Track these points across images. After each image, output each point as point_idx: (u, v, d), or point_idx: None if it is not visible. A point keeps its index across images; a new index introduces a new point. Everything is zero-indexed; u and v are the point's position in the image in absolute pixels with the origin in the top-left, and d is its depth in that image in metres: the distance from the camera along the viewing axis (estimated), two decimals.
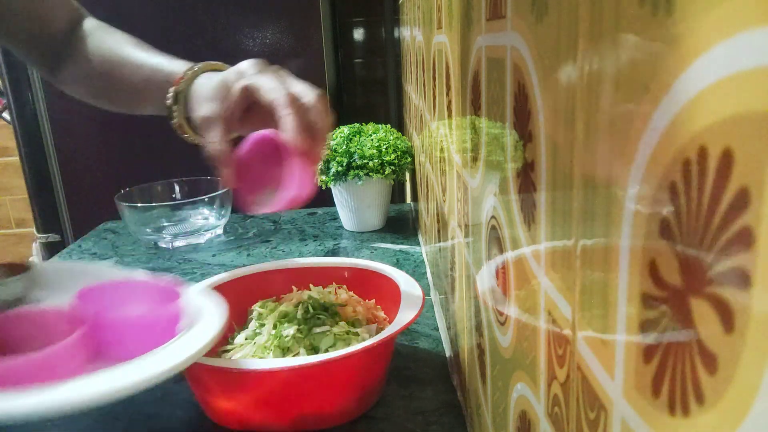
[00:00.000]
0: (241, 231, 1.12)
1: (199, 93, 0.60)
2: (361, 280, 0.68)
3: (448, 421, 0.54)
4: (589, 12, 0.19)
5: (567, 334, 0.23)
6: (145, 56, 0.68)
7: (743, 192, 0.12)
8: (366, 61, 1.60)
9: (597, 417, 0.21)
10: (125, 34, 0.73)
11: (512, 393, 0.33)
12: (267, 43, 1.19)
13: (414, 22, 0.88)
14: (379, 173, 0.97)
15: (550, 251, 0.25)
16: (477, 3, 0.37)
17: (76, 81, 0.74)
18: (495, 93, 0.33)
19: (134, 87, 0.68)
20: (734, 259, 0.12)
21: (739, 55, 0.12)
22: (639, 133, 0.16)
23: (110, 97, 0.73)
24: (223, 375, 0.52)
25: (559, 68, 0.23)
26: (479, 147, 0.39)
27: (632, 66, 0.17)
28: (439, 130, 0.62)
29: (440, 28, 0.56)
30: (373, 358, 0.55)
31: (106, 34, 0.73)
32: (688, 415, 0.14)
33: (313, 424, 0.54)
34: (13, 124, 1.23)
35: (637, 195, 0.17)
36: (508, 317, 0.33)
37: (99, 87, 0.73)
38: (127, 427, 0.56)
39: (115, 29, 0.74)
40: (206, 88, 0.59)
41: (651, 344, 0.16)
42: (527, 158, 0.27)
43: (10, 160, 2.30)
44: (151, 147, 1.24)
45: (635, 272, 0.17)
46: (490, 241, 0.37)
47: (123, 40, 0.71)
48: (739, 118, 0.12)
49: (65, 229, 1.29)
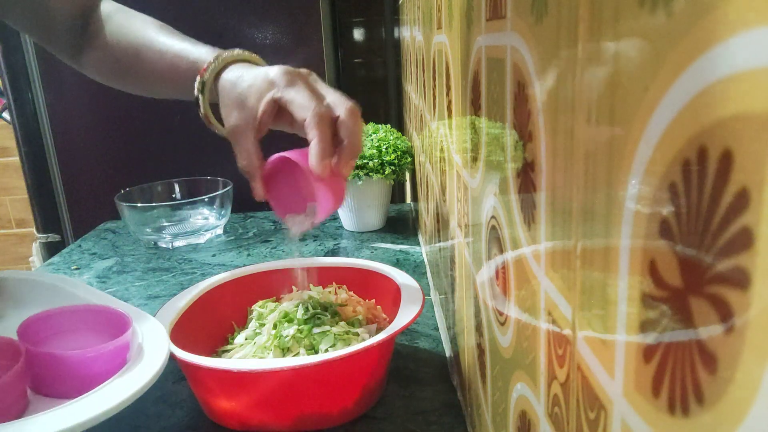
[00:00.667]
0: (241, 231, 1.12)
1: (227, 94, 0.58)
2: (361, 280, 0.68)
3: (448, 421, 0.54)
4: (588, 12, 0.19)
5: (567, 334, 0.23)
6: (170, 41, 0.67)
7: (743, 192, 0.12)
8: (366, 61, 1.60)
9: (597, 417, 0.21)
10: (147, 17, 0.72)
11: (512, 393, 0.34)
12: (267, 43, 1.19)
13: (414, 22, 0.88)
14: (379, 173, 0.97)
15: (550, 251, 0.25)
16: (477, 3, 0.37)
17: (98, 65, 0.73)
18: (495, 93, 0.33)
19: (158, 72, 0.67)
20: (734, 259, 0.12)
21: (739, 56, 0.12)
22: (639, 134, 0.16)
23: (132, 80, 0.72)
24: (223, 375, 0.52)
25: (558, 68, 0.23)
26: (479, 147, 0.39)
27: (632, 66, 0.17)
28: (439, 130, 0.62)
29: (440, 28, 0.56)
30: (373, 358, 0.55)
31: (128, 17, 0.72)
32: (688, 415, 0.14)
33: (313, 424, 0.54)
34: (13, 124, 1.23)
35: (637, 195, 0.17)
36: (508, 317, 0.33)
37: (121, 70, 0.72)
38: (127, 427, 0.56)
39: (136, 12, 0.73)
40: (235, 92, 0.57)
41: (651, 344, 0.16)
42: (527, 158, 0.27)
43: (10, 160, 2.30)
44: (151, 147, 1.24)
45: (635, 272, 0.17)
46: (490, 241, 0.37)
47: (146, 24, 0.70)
48: (739, 119, 0.12)
49: (65, 229, 1.29)
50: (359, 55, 1.59)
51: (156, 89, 0.71)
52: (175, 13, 1.17)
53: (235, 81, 0.58)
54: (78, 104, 1.20)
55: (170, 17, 1.18)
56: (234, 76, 0.59)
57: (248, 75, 0.57)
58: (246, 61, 0.61)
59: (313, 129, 0.51)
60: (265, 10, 1.18)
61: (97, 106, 1.21)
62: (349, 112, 0.53)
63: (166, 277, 0.92)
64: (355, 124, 0.54)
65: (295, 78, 0.55)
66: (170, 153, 1.24)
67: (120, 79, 0.74)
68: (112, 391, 0.46)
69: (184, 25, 1.20)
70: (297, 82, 0.54)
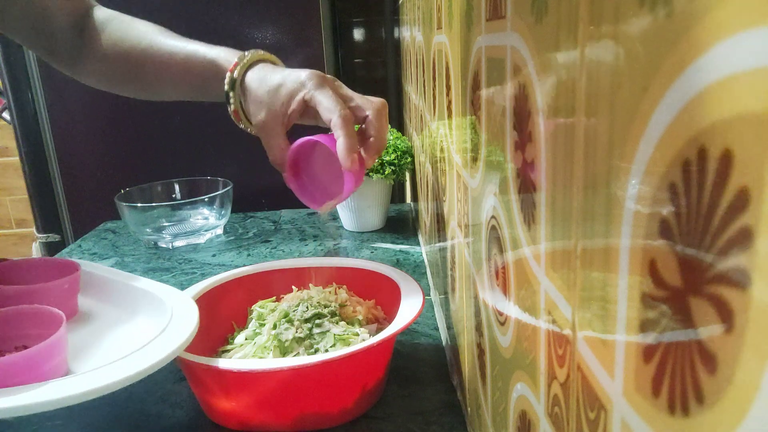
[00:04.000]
0: (241, 231, 1.12)
1: (255, 91, 0.62)
2: (361, 280, 0.68)
3: (448, 421, 0.54)
4: (588, 12, 0.19)
5: (567, 334, 0.23)
6: (179, 43, 0.69)
7: (743, 192, 0.12)
8: (366, 61, 1.60)
9: (597, 417, 0.21)
10: (145, 21, 0.73)
11: (512, 393, 0.34)
12: (267, 43, 1.19)
13: (414, 22, 0.88)
14: (379, 173, 0.97)
15: (550, 251, 0.25)
16: (477, 3, 0.37)
17: (96, 72, 0.74)
18: (495, 93, 0.33)
19: (168, 73, 0.69)
20: (734, 259, 0.12)
21: (738, 56, 0.12)
22: (639, 134, 0.16)
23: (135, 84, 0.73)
24: (223, 375, 0.52)
25: (558, 68, 0.23)
26: (479, 147, 0.39)
27: (632, 66, 0.17)
28: (439, 130, 0.63)
29: (440, 28, 0.56)
30: (373, 358, 0.55)
31: (126, 22, 0.73)
32: (688, 415, 0.14)
33: (313, 424, 0.54)
34: (13, 124, 1.23)
35: (637, 195, 0.17)
36: (508, 317, 0.33)
37: (122, 75, 0.72)
38: (128, 427, 0.56)
39: (132, 18, 0.73)
40: (263, 89, 0.61)
41: (651, 344, 0.16)
42: (527, 158, 0.27)
43: (10, 160, 2.30)
44: (151, 147, 1.24)
45: (635, 272, 0.17)
46: (490, 241, 0.37)
47: (147, 28, 0.71)
48: (739, 119, 0.12)
49: (65, 229, 1.29)
50: (359, 55, 1.59)
51: (163, 91, 0.72)
52: (175, 13, 1.17)
53: (262, 79, 0.62)
54: (78, 104, 1.20)
55: (170, 17, 1.18)
56: (261, 74, 0.62)
57: (276, 75, 0.61)
58: (267, 60, 0.65)
59: (339, 129, 0.56)
60: (265, 10, 1.18)
61: (97, 106, 1.21)
62: (377, 112, 0.59)
63: (166, 277, 0.92)
64: (380, 123, 0.59)
65: (323, 82, 0.59)
66: (170, 153, 1.24)
67: (120, 85, 0.74)
68: (153, 349, 0.49)
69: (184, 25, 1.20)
70: (325, 86, 0.59)
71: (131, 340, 0.57)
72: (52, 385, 0.44)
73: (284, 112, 0.60)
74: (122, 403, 0.60)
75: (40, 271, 0.66)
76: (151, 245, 1.07)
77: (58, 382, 0.44)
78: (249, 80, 0.62)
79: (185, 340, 0.50)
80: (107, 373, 0.45)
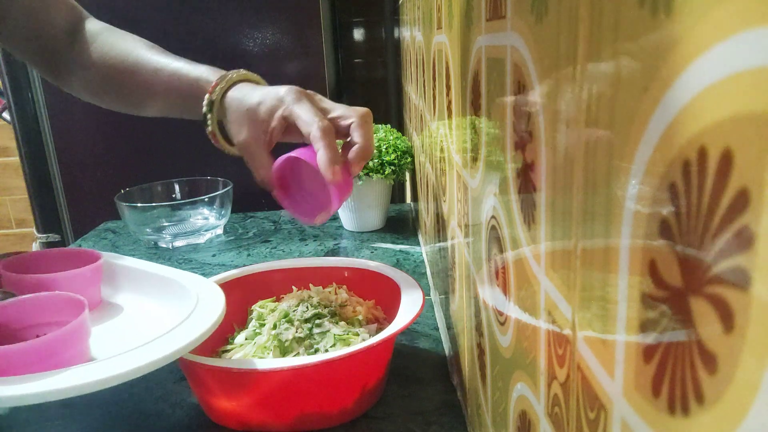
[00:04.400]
0: (241, 231, 1.12)
1: (235, 110, 0.61)
2: (361, 280, 0.68)
3: (448, 421, 0.54)
4: (589, 12, 0.19)
5: (567, 334, 0.23)
6: (165, 59, 0.68)
7: (743, 192, 0.12)
8: (366, 61, 1.60)
9: (597, 417, 0.21)
10: (135, 36, 0.73)
11: (512, 393, 0.34)
12: (267, 43, 1.19)
13: (414, 22, 0.88)
14: (379, 173, 0.97)
15: (550, 251, 0.25)
16: (477, 3, 0.37)
17: (84, 85, 0.74)
18: (495, 93, 0.33)
19: (152, 89, 0.69)
20: (734, 259, 0.12)
21: (738, 55, 0.12)
22: (639, 134, 0.16)
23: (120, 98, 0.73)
24: (223, 375, 0.52)
25: (559, 68, 0.23)
26: (479, 147, 0.39)
27: (632, 66, 0.17)
28: (439, 130, 0.62)
29: (440, 28, 0.56)
30: (373, 358, 0.55)
31: (116, 36, 0.73)
32: (688, 415, 0.14)
33: (313, 424, 0.54)
34: (13, 124, 1.23)
35: (637, 195, 0.17)
36: (508, 317, 0.33)
37: (108, 88, 0.73)
38: (128, 427, 0.56)
39: (123, 32, 0.73)
40: (242, 109, 0.60)
41: (651, 344, 0.16)
42: (527, 158, 0.27)
43: (10, 160, 2.30)
44: (151, 147, 1.24)
45: (635, 272, 0.17)
46: (490, 241, 0.37)
47: (136, 43, 0.71)
48: (739, 119, 0.12)
49: (65, 229, 1.29)
50: (359, 55, 1.59)
51: (146, 107, 0.72)
52: (176, 13, 1.17)
53: (242, 99, 0.61)
54: (78, 104, 1.20)
55: (170, 17, 1.18)
56: (240, 94, 0.62)
57: (256, 93, 0.61)
58: (249, 80, 0.65)
59: (317, 141, 0.55)
60: (265, 10, 1.18)
61: (97, 106, 1.20)
62: (361, 118, 0.58)
63: None
64: (365, 129, 0.58)
65: (302, 96, 0.59)
66: (170, 153, 1.24)
67: (106, 97, 0.74)
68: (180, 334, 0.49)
69: (184, 25, 1.20)
70: (303, 100, 0.58)
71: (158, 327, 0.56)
72: (71, 372, 0.42)
73: (265, 130, 0.59)
74: (122, 403, 0.60)
75: (61, 262, 0.65)
76: (151, 245, 1.07)
77: (76, 369, 0.43)
78: (229, 100, 0.62)
79: (211, 325, 0.50)
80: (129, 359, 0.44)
